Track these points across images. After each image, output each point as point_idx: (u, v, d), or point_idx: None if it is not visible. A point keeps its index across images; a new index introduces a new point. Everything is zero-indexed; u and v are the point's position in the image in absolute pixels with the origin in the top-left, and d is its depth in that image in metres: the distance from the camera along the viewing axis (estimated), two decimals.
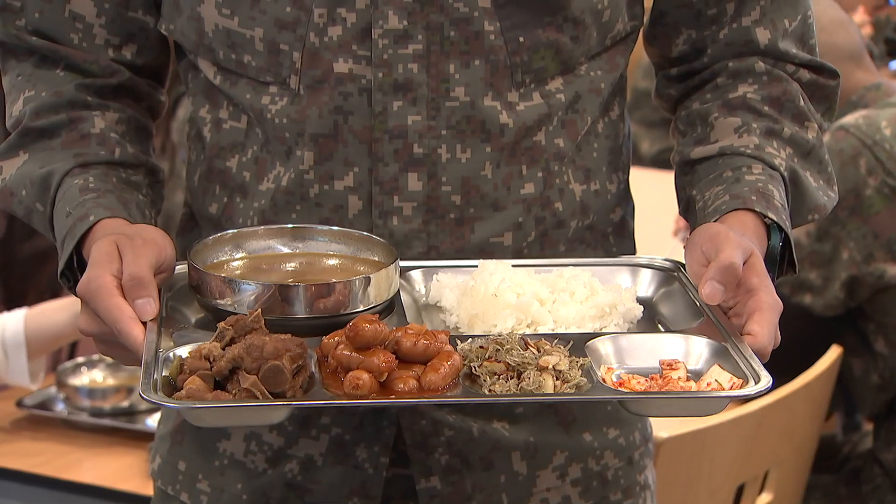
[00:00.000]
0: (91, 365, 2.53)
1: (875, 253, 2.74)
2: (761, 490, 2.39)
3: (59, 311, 2.59)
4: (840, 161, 2.70)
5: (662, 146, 3.94)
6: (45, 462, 2.36)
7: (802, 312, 2.30)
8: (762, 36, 1.67)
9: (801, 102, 1.67)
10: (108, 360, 2.30)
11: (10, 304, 2.67)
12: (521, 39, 1.58)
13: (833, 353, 2.50)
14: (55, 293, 2.70)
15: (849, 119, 2.76)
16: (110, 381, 2.41)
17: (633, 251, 1.74)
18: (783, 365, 1.50)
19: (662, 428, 2.13)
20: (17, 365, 2.49)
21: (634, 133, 1.67)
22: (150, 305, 1.43)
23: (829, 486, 2.90)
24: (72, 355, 2.75)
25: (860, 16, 4.28)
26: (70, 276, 1.55)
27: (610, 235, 1.71)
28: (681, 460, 2.11)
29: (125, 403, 2.38)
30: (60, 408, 2.48)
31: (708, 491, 2.26)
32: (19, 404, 2.52)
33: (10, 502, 2.42)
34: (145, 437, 2.14)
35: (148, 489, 1.78)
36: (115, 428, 2.41)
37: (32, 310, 2.56)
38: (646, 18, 1.72)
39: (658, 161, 3.67)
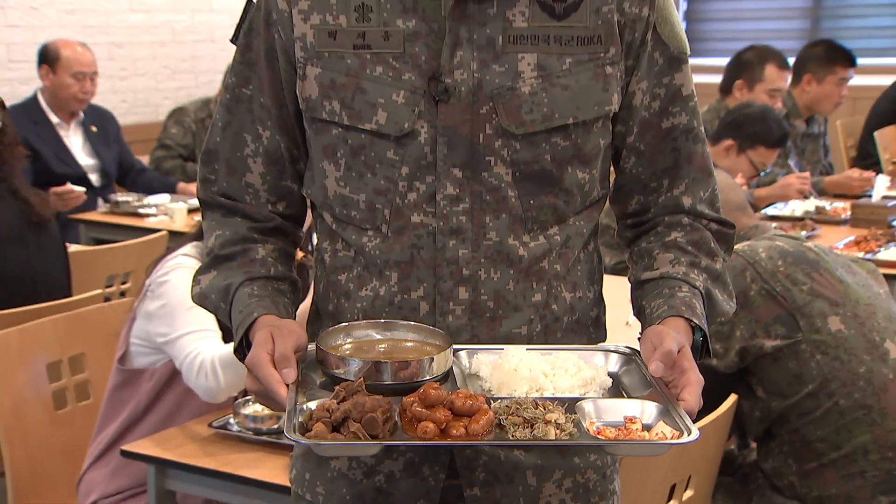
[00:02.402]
0: (255, 401, 2.48)
1: (756, 332, 2.74)
2: (686, 488, 2.35)
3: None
4: (733, 274, 2.69)
5: (618, 260, 3.91)
6: (227, 463, 2.36)
7: (711, 371, 2.27)
8: (686, 202, 1.66)
9: (712, 244, 1.65)
10: None
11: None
12: (531, 202, 1.57)
13: (731, 398, 2.50)
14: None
15: (738, 246, 2.75)
16: (266, 412, 2.38)
17: (605, 338, 1.71)
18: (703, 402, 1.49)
19: None
20: (236, 377, 2.45)
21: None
22: (291, 374, 1.43)
23: (728, 485, 2.90)
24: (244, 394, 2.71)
25: (739, 179, 4.28)
26: (241, 351, 1.54)
27: (590, 327, 1.68)
28: (634, 469, 2.08)
29: (276, 426, 2.37)
30: (235, 429, 2.43)
31: (651, 489, 2.25)
32: (210, 425, 2.50)
33: (205, 489, 2.44)
34: (289, 448, 2.10)
35: None
36: (270, 442, 2.40)
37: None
38: (611, 188, 1.70)
39: (615, 270, 3.62)
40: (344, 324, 1.58)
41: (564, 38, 1.54)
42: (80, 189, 4.89)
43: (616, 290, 1.82)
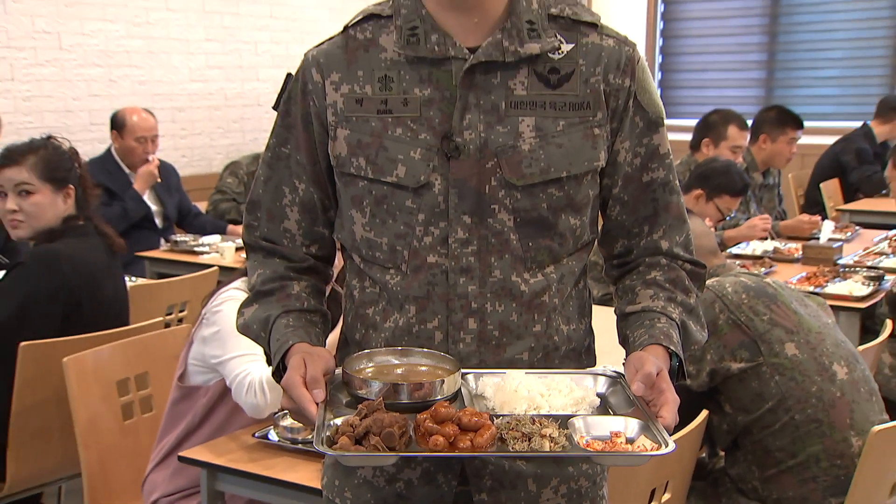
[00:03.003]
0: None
1: (724, 356, 2.71)
2: (664, 492, 2.32)
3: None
4: (704, 306, 2.64)
5: (605, 292, 3.88)
6: (268, 468, 2.33)
7: (685, 390, 2.22)
8: (664, 245, 1.64)
9: (687, 282, 1.63)
10: None
11: None
12: (530, 244, 1.55)
13: (703, 413, 2.45)
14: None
15: (708, 282, 2.73)
16: (301, 425, 2.36)
17: (594, 364, 1.69)
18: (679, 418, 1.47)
19: None
20: (278, 396, 2.44)
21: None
22: (320, 394, 1.41)
23: (700, 489, 2.87)
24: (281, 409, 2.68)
25: (707, 222, 4.27)
26: (278, 374, 1.52)
27: (582, 354, 1.66)
28: (620, 476, 2.05)
29: (310, 437, 2.33)
30: (275, 439, 2.41)
31: (634, 493, 2.21)
32: (253, 435, 2.46)
33: (249, 491, 2.40)
34: (322, 455, 2.08)
35: None
36: (305, 450, 2.36)
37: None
38: (599, 233, 1.68)
39: (602, 301, 3.59)
40: (367, 350, 1.56)
41: (558, 104, 1.53)
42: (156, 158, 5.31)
43: (603, 319, 1.79)
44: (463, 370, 1.49)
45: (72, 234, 3.11)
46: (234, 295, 2.64)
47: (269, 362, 1.60)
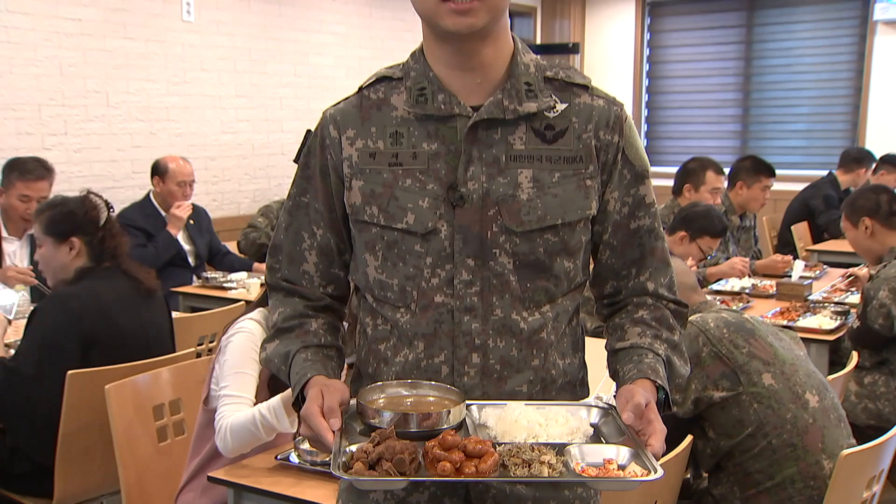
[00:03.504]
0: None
1: (707, 386, 2.68)
2: None
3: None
4: (688, 339, 2.66)
5: (597, 325, 3.84)
6: (288, 488, 2.29)
7: (672, 417, 2.20)
8: (650, 286, 1.62)
9: (671, 321, 1.61)
10: None
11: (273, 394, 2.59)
12: (528, 285, 1.53)
13: (688, 438, 2.41)
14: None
15: (692, 318, 2.72)
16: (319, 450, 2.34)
17: (588, 395, 1.66)
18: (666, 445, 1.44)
19: None
20: (284, 424, 2.44)
21: (581, 319, 1.66)
22: (336, 423, 1.39)
23: None
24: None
25: (690, 262, 4.26)
26: (297, 405, 1.50)
27: (577, 386, 1.64)
28: (610, 498, 2.01)
29: (327, 459, 2.29)
30: (295, 461, 2.38)
31: None
32: (275, 458, 2.42)
33: None
34: (338, 479, 2.05)
35: None
36: (323, 472, 2.32)
37: (284, 393, 2.46)
38: (590, 275, 1.66)
39: (595, 333, 3.57)
40: (379, 383, 1.53)
41: (553, 157, 1.52)
42: (189, 203, 5.29)
43: (597, 350, 1.76)
44: (467, 401, 1.47)
45: (93, 277, 3.14)
46: (245, 327, 2.61)
47: (281, 389, 1.57)
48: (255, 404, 2.53)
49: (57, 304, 3.06)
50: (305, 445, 2.38)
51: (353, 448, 1.35)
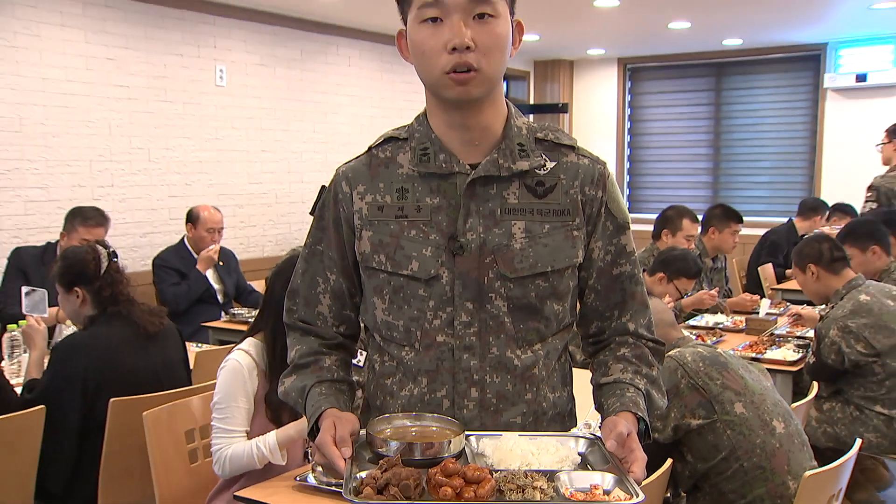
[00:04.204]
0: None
1: (685, 414, 2.65)
2: None
3: (291, 428, 2.54)
4: (668, 372, 2.63)
5: (584, 357, 3.79)
6: None
7: (654, 442, 2.16)
8: (631, 327, 1.59)
9: (650, 358, 1.58)
10: None
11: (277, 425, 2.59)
12: (521, 326, 1.51)
13: (668, 462, 2.37)
14: (293, 417, 2.59)
15: (671, 353, 2.70)
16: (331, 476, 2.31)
17: (576, 425, 1.64)
18: (647, 469, 1.41)
19: None
20: (277, 457, 2.47)
21: (571, 352, 1.63)
22: (348, 451, 1.37)
23: None
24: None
25: (667, 299, 4.23)
26: (312, 434, 1.47)
27: (566, 417, 1.61)
28: None
29: (341, 480, 2.25)
30: (312, 482, 2.34)
31: None
32: (295, 479, 2.39)
33: None
34: None
35: None
36: (337, 492, 2.26)
37: (280, 430, 2.52)
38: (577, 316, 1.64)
39: (583, 365, 3.52)
40: (386, 415, 1.51)
41: (544, 210, 1.50)
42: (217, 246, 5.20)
43: (585, 380, 1.73)
44: (467, 432, 1.44)
45: (100, 323, 3.13)
46: (231, 364, 2.59)
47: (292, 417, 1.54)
48: (247, 430, 2.55)
49: (63, 350, 3.05)
50: (320, 469, 2.35)
51: (363, 474, 1.32)
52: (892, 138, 5.96)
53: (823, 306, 4.10)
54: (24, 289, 3.81)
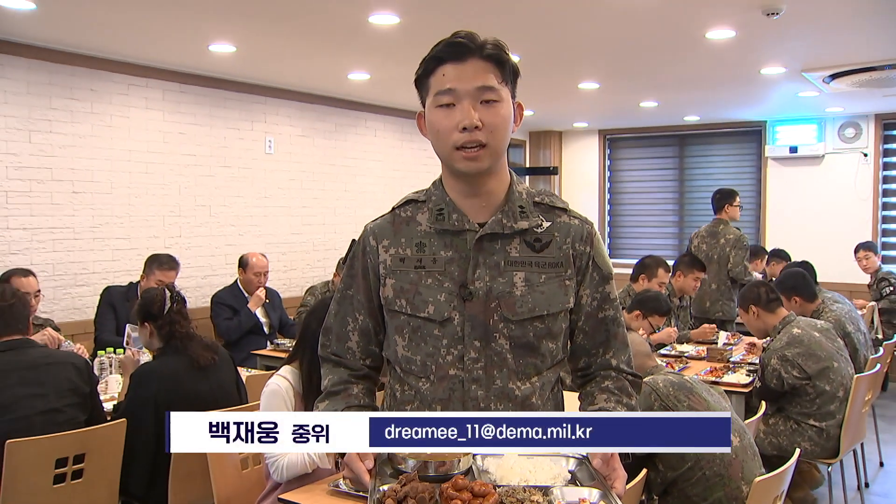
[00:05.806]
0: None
1: None
2: None
3: None
4: (644, 396, 2.60)
5: (572, 380, 3.75)
6: None
7: (632, 454, 2.12)
8: (614, 363, 1.56)
9: (630, 389, 1.55)
10: None
11: None
12: (521, 361, 1.48)
13: (643, 472, 2.35)
14: None
15: (647, 379, 2.67)
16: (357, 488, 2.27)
17: None
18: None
19: None
20: (325, 462, 2.41)
21: (561, 377, 1.59)
22: (370, 463, 1.33)
23: None
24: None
25: (642, 332, 4.19)
26: (342, 452, 1.41)
27: None
28: None
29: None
30: (344, 489, 2.32)
31: None
32: (329, 485, 2.36)
33: None
34: None
35: None
36: (365, 496, 2.24)
37: None
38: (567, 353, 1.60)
39: (572, 388, 3.48)
40: None
41: (541, 263, 1.48)
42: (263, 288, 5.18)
43: (573, 403, 1.69)
44: (474, 452, 1.40)
45: (166, 353, 3.18)
46: (272, 388, 2.56)
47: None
48: None
49: (139, 375, 3.11)
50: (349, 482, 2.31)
51: (385, 488, 1.29)
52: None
53: (765, 340, 4.11)
54: (128, 326, 3.87)
